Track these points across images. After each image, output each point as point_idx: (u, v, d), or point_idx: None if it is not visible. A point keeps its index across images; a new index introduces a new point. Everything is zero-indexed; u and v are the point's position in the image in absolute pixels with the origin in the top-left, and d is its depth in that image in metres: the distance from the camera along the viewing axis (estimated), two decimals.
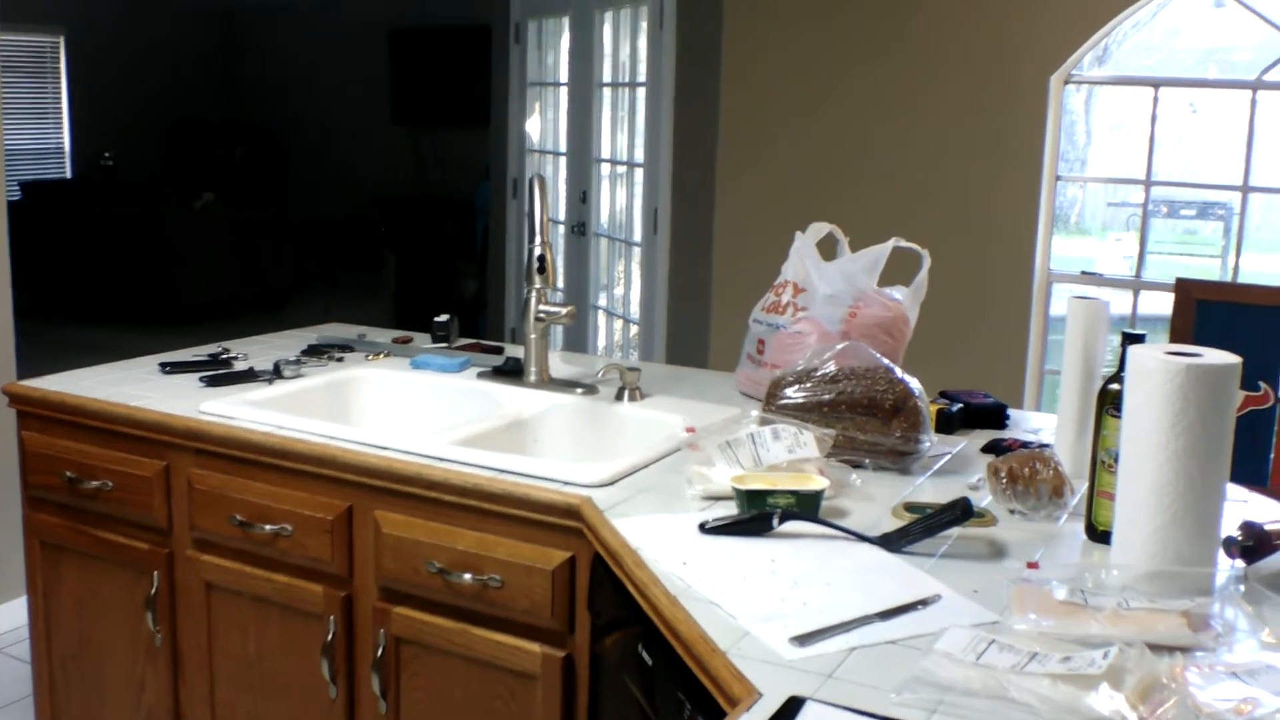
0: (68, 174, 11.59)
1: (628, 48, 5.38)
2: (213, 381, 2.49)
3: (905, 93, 4.19)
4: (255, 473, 2.19)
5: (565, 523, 1.86)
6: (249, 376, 2.53)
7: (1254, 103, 3.84)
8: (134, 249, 9.16)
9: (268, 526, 2.16)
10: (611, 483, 1.91)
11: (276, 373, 2.54)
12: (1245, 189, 3.93)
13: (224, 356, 2.69)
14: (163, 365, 2.62)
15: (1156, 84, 3.99)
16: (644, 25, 5.09)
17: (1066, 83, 4.04)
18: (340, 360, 2.74)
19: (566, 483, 1.91)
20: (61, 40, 11.45)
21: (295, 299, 10.03)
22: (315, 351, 2.76)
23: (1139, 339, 1.58)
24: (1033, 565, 1.58)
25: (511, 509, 1.91)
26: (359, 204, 11.85)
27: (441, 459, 2.02)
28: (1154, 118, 3.99)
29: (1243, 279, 3.99)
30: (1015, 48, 4.00)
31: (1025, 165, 4.03)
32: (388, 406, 2.62)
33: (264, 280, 9.78)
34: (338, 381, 2.60)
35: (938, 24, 4.12)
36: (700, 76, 4.55)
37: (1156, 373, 1.42)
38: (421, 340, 2.94)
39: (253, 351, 2.78)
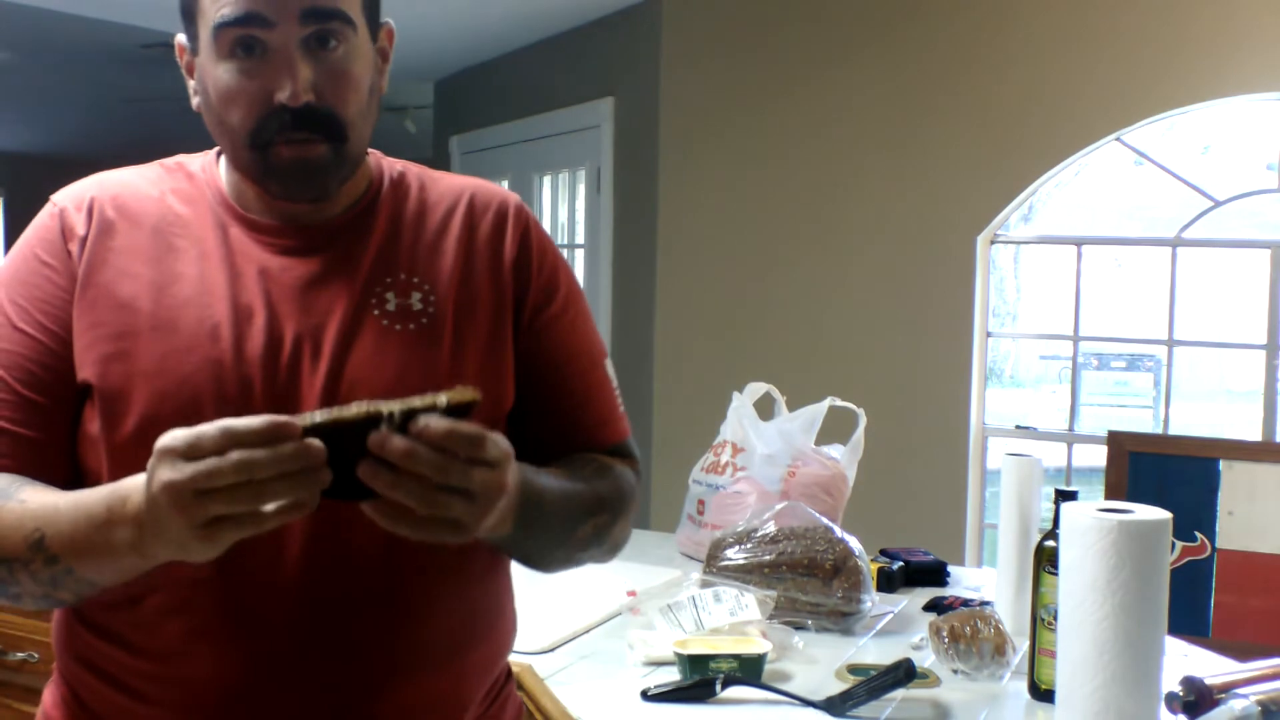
0: None
1: (566, 210, 5.47)
2: None
3: (838, 251, 4.29)
4: None
5: None
6: None
7: (1174, 258, 3.96)
8: None
9: None
10: (552, 649, 1.89)
11: None
12: (1170, 343, 4.03)
13: None
14: None
15: (1079, 243, 4.11)
16: (582, 189, 5.19)
17: (993, 242, 4.15)
18: None
19: None
20: (0, 201, 11.48)
21: None
22: None
23: (1071, 496, 1.60)
24: None
25: None
26: None
27: None
28: (1079, 274, 4.09)
29: (1173, 429, 4.06)
30: (942, 209, 4.11)
31: (956, 323, 4.11)
32: None
33: None
34: None
35: (866, 186, 4.23)
36: (637, 238, 4.63)
37: (1090, 530, 1.43)
38: None
39: None
